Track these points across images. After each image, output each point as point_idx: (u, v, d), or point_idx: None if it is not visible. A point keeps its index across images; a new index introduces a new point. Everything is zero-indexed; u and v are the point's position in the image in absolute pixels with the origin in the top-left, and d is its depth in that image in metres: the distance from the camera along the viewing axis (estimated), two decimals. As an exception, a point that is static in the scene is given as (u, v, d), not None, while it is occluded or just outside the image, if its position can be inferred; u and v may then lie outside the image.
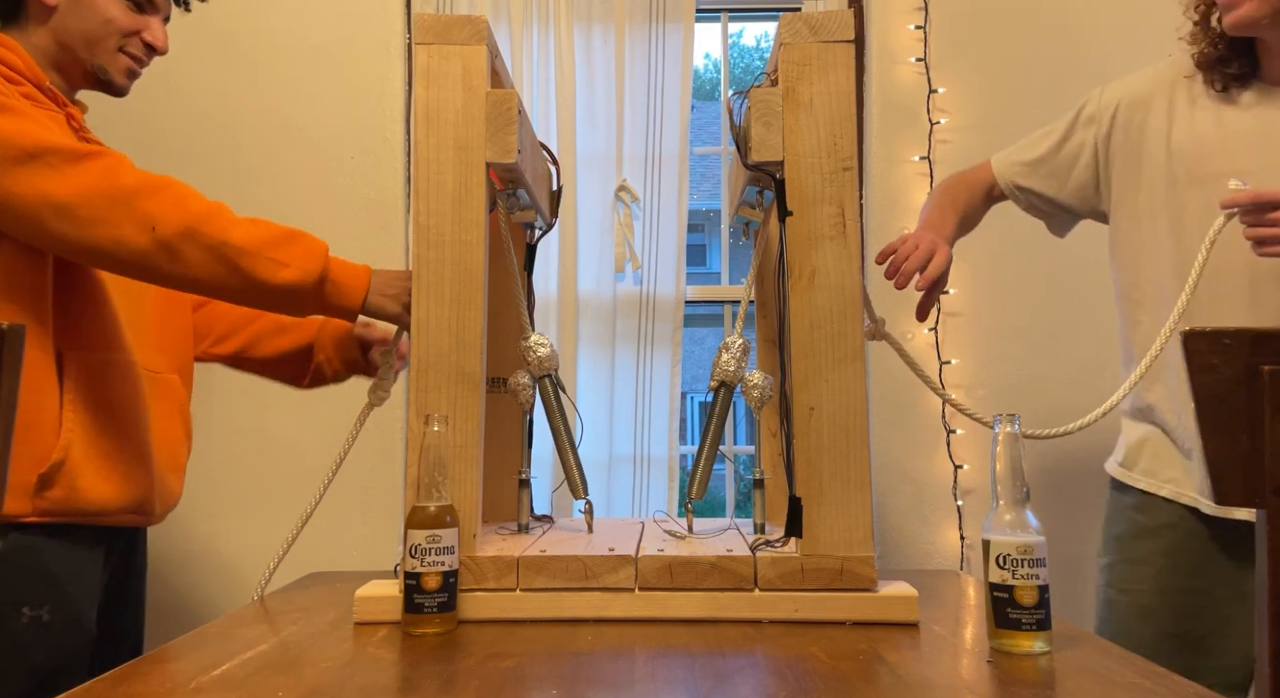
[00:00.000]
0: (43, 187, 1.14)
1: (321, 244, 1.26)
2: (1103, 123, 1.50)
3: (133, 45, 1.37)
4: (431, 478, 1.06)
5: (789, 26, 1.15)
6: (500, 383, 1.39)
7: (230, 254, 1.18)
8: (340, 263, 1.27)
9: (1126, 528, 1.47)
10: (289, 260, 1.21)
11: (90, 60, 1.34)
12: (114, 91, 1.39)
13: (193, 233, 1.16)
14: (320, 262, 1.23)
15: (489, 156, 1.16)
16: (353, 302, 1.25)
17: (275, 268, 1.20)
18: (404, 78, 2.24)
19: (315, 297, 1.23)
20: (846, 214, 1.13)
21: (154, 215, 1.15)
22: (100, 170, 1.17)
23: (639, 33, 2.22)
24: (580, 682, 0.87)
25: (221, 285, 1.20)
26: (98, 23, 1.33)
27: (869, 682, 0.87)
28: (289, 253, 1.22)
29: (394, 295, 1.27)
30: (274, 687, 0.86)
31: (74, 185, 1.15)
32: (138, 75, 1.41)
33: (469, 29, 1.16)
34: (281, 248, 1.21)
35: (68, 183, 1.15)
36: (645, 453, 2.19)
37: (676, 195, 2.22)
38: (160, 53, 1.41)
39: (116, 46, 1.35)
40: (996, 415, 1.00)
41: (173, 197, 1.18)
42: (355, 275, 1.26)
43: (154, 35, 1.39)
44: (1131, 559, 1.45)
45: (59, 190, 1.15)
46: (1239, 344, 0.78)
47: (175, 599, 2.13)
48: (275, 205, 2.21)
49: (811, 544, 1.09)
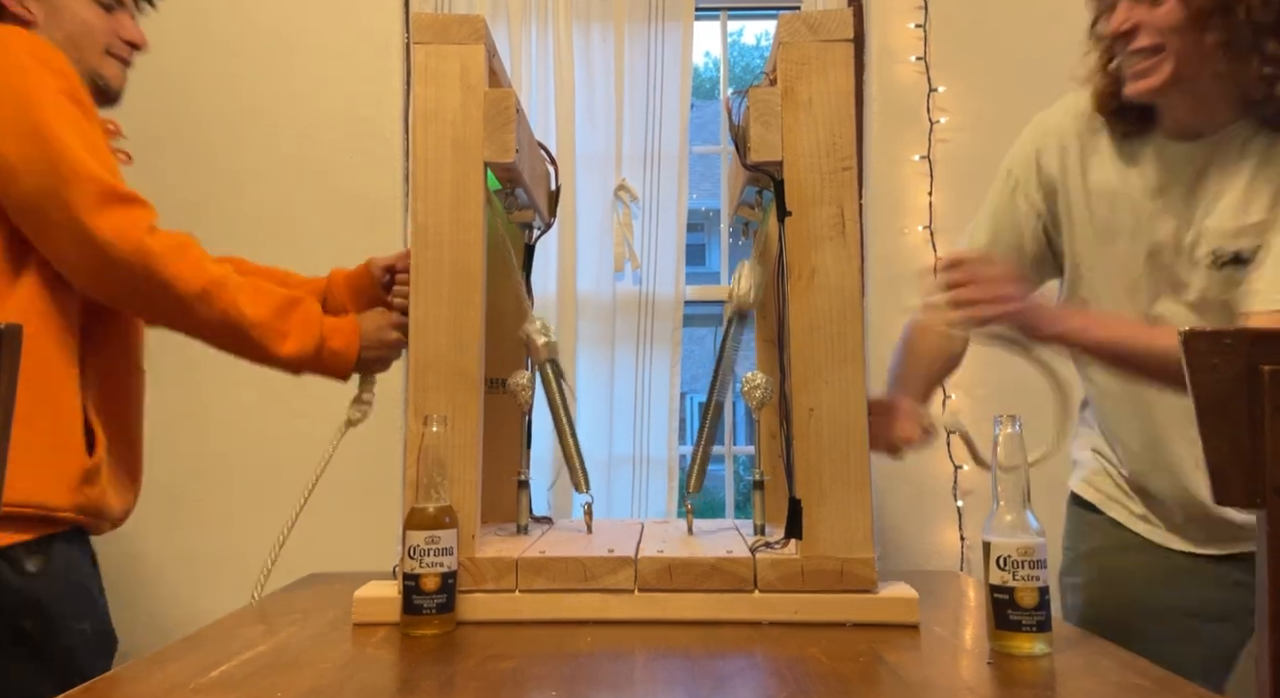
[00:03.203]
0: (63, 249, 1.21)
1: (316, 309, 1.34)
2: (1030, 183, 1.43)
3: (115, 47, 1.40)
4: (430, 479, 1.06)
5: (788, 26, 1.15)
6: (499, 383, 1.39)
7: (239, 322, 1.26)
8: (333, 327, 1.33)
9: (1101, 542, 1.42)
10: (289, 330, 1.29)
11: (84, 69, 1.34)
12: (110, 98, 1.41)
13: (207, 297, 1.23)
14: (316, 332, 1.31)
15: (487, 156, 1.15)
16: (346, 365, 1.34)
17: (278, 340, 1.28)
18: (402, 77, 2.24)
19: (313, 365, 1.32)
20: (846, 214, 1.13)
21: (174, 276, 1.21)
22: (131, 221, 1.22)
23: (638, 31, 2.22)
24: (579, 683, 0.87)
25: (224, 346, 1.29)
26: (78, 27, 1.35)
27: (869, 683, 0.87)
28: (289, 323, 1.29)
29: (379, 344, 1.35)
30: (273, 688, 0.86)
31: (103, 227, 1.19)
32: (124, 78, 1.43)
33: (467, 28, 1.16)
34: (283, 318, 1.29)
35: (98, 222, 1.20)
36: (644, 453, 2.19)
37: (676, 195, 2.22)
38: (142, 48, 1.45)
39: (103, 49, 1.38)
40: (996, 416, 1.00)
41: (191, 258, 1.23)
42: (348, 340, 1.34)
43: (131, 33, 1.42)
44: (1109, 576, 1.40)
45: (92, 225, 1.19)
46: (1239, 344, 0.78)
47: (174, 600, 2.13)
48: (275, 205, 2.21)
49: (811, 545, 1.09)
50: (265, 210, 2.21)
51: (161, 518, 2.15)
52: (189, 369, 2.17)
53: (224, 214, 2.20)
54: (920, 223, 2.21)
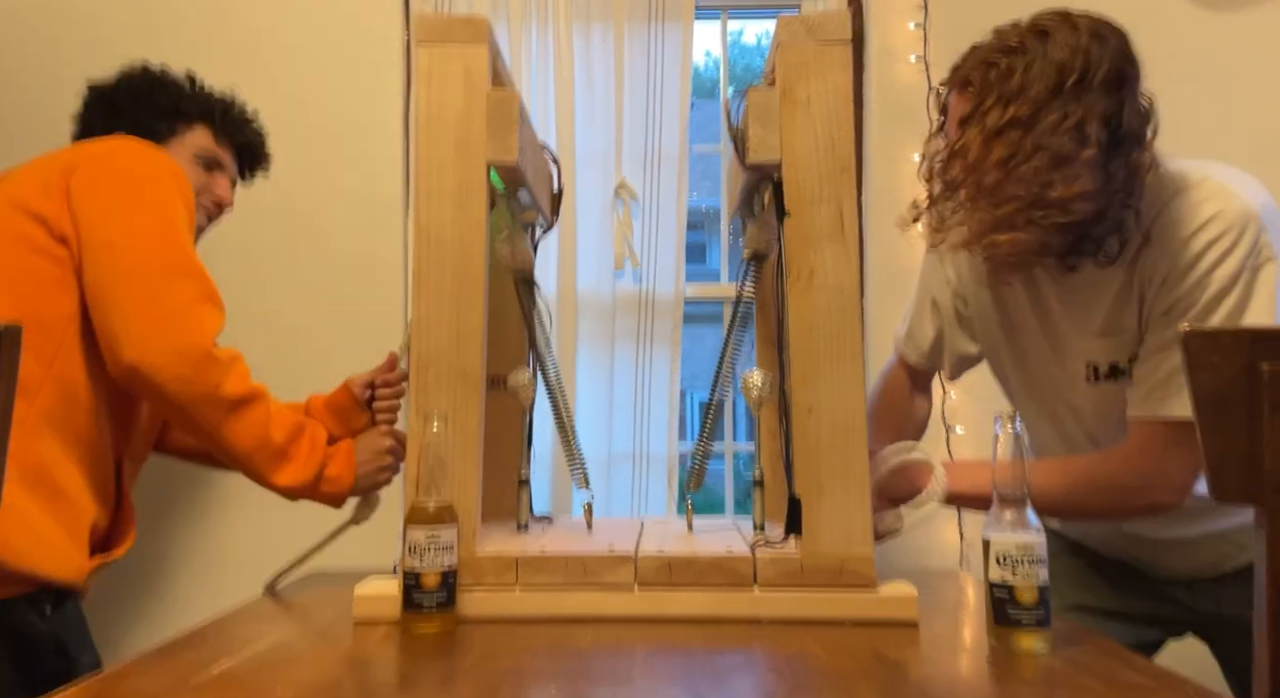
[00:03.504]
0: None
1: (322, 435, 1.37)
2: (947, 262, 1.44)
3: (202, 199, 1.49)
4: (431, 476, 1.06)
5: (786, 27, 1.15)
6: (500, 382, 1.39)
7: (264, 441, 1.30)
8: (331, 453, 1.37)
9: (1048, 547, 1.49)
10: (295, 455, 1.33)
11: None
12: None
13: (246, 407, 1.28)
14: (318, 462, 1.35)
15: (490, 157, 1.16)
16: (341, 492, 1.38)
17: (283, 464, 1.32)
18: (403, 77, 2.24)
19: (310, 492, 1.36)
20: (845, 214, 1.13)
21: (222, 377, 1.26)
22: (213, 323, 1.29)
23: (638, 31, 2.22)
24: (579, 680, 0.88)
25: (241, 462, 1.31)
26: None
27: (868, 680, 0.87)
28: (296, 448, 1.33)
29: (376, 469, 1.40)
30: (273, 685, 0.86)
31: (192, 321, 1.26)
32: (204, 231, 1.53)
33: (470, 29, 1.17)
34: (294, 443, 1.33)
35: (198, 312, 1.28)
36: (644, 451, 2.19)
37: (676, 193, 2.22)
38: (227, 207, 1.56)
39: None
40: (996, 415, 1.00)
41: (239, 371, 1.29)
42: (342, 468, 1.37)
43: (222, 191, 1.53)
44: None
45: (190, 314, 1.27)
46: (1238, 343, 0.78)
47: (174, 598, 2.13)
48: (276, 205, 2.21)
49: (811, 543, 1.10)
50: (266, 210, 2.21)
51: (162, 516, 2.15)
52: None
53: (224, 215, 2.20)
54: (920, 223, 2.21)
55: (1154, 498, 1.20)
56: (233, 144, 1.57)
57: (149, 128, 1.46)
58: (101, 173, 1.31)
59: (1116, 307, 1.22)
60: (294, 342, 2.16)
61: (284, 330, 2.16)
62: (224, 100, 1.56)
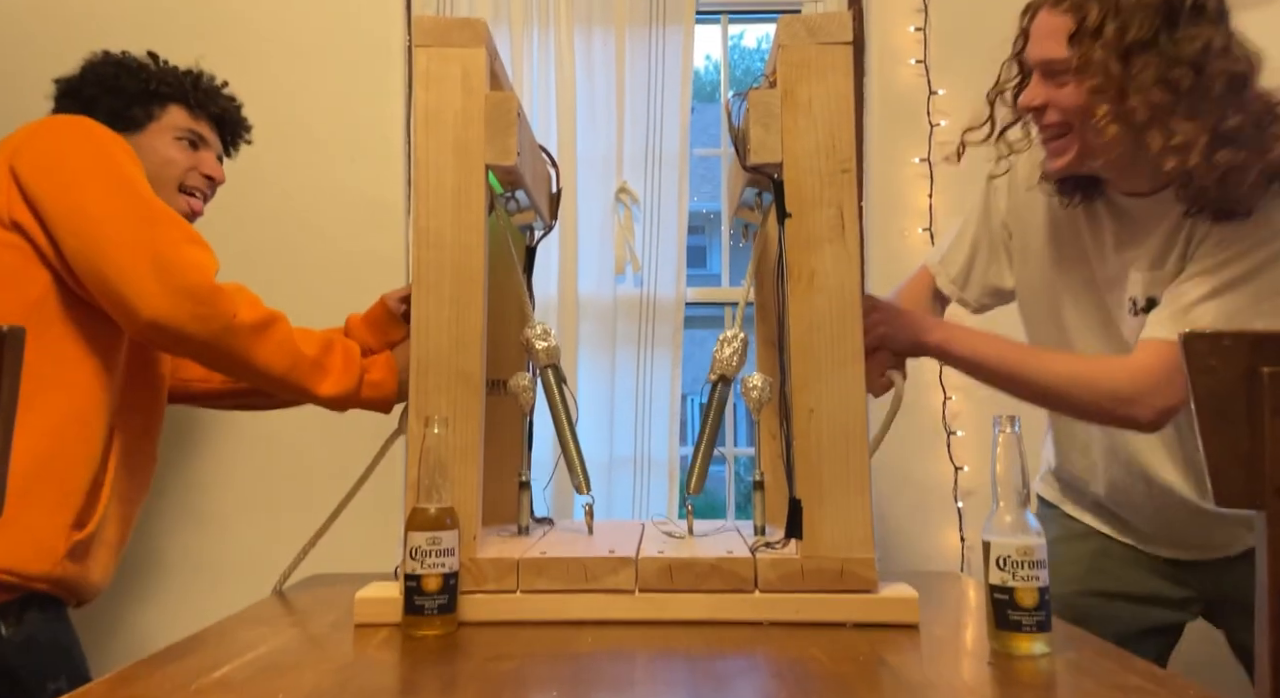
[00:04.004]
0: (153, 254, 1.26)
1: (355, 346, 1.41)
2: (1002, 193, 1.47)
3: (191, 178, 1.50)
4: (432, 480, 1.06)
5: (787, 29, 1.15)
6: (500, 385, 1.39)
7: (296, 357, 1.32)
8: (370, 361, 1.40)
9: (1057, 533, 1.48)
10: (331, 367, 1.35)
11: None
12: None
13: (266, 329, 1.30)
14: (358, 367, 1.38)
15: (488, 159, 1.16)
16: (388, 396, 1.41)
17: (323, 376, 1.35)
18: (404, 79, 2.24)
19: (355, 400, 1.38)
20: (845, 216, 1.13)
21: (236, 306, 1.28)
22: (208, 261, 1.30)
23: (639, 34, 2.22)
24: (580, 684, 0.87)
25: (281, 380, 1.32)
26: (159, 163, 1.46)
27: (869, 684, 0.87)
28: (331, 359, 1.36)
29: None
30: (274, 689, 0.86)
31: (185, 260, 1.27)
32: (199, 213, 1.53)
33: (468, 32, 1.17)
34: (327, 355, 1.35)
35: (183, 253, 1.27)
36: (645, 455, 2.19)
37: (677, 197, 2.22)
38: (219, 183, 1.56)
39: (176, 185, 1.48)
40: (996, 418, 1.00)
41: (249, 297, 1.31)
42: (385, 373, 1.41)
43: (211, 167, 1.53)
44: (1059, 562, 1.45)
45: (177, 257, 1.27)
46: (1239, 346, 0.78)
47: (175, 601, 2.13)
48: (276, 206, 2.21)
49: (812, 546, 1.09)
50: (267, 212, 2.21)
51: (163, 520, 2.15)
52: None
53: (225, 217, 2.20)
54: (920, 225, 2.21)
55: (1136, 413, 1.21)
56: (209, 117, 1.55)
57: (125, 117, 1.45)
58: (46, 149, 1.30)
59: (1165, 242, 1.24)
60: (295, 345, 2.16)
61: (285, 334, 2.16)
62: (192, 74, 1.54)
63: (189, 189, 1.50)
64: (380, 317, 1.52)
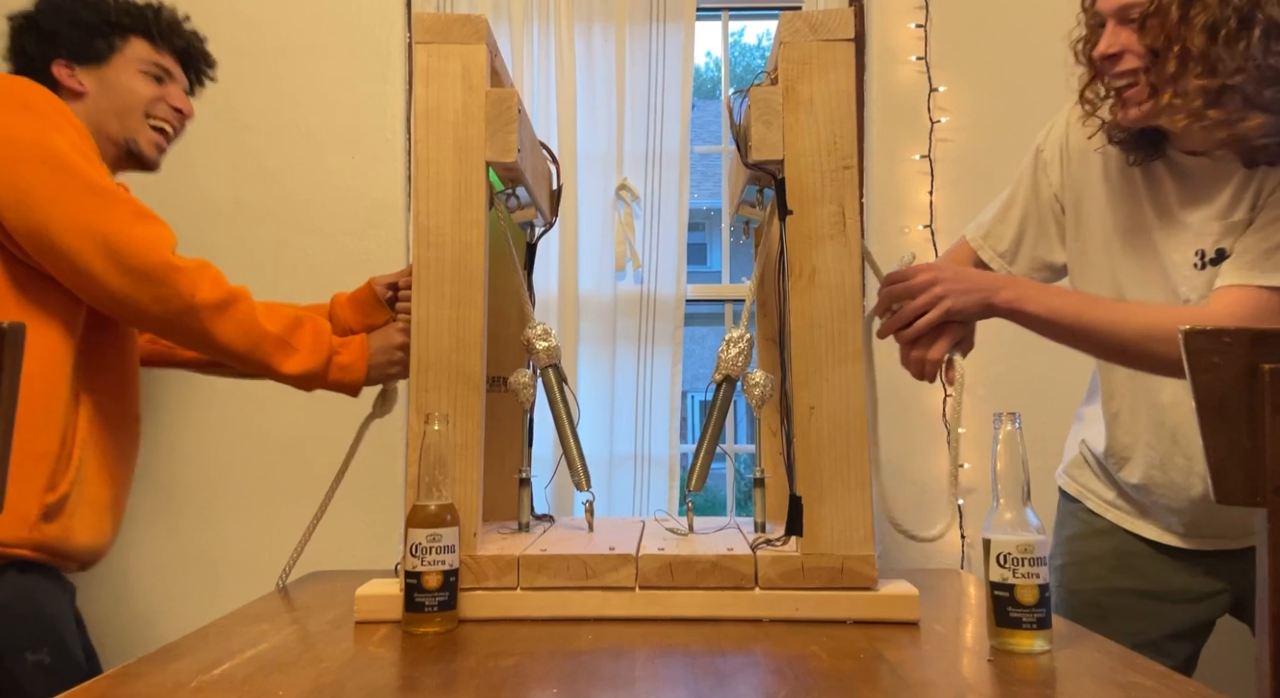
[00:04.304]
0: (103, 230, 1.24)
1: (326, 326, 1.38)
2: (1054, 164, 1.44)
3: (158, 109, 1.47)
4: (432, 477, 1.06)
5: (789, 25, 1.15)
6: (500, 382, 1.39)
7: (257, 334, 1.30)
8: (341, 343, 1.38)
9: (1078, 529, 1.47)
10: (299, 345, 1.33)
11: (122, 135, 1.43)
12: (145, 165, 1.48)
13: (225, 309, 1.28)
14: (326, 348, 1.35)
15: (489, 156, 1.16)
16: (355, 379, 1.38)
17: (289, 354, 1.33)
18: (404, 77, 2.24)
19: (321, 381, 1.36)
20: (847, 213, 1.13)
21: (195, 285, 1.26)
22: (160, 236, 1.27)
23: (639, 31, 2.22)
24: (581, 681, 0.87)
25: (244, 358, 1.31)
26: (125, 94, 1.44)
27: (870, 681, 0.87)
28: (299, 338, 1.34)
29: (384, 365, 1.39)
30: (275, 686, 0.86)
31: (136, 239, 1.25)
32: (165, 149, 1.51)
33: (469, 28, 1.16)
34: (294, 334, 1.34)
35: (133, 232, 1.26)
36: (646, 452, 2.19)
37: (677, 194, 2.22)
38: (188, 116, 1.53)
39: (143, 117, 1.45)
40: (996, 414, 1.00)
41: (212, 275, 1.29)
42: (356, 355, 1.38)
43: (178, 99, 1.51)
44: (1082, 559, 1.45)
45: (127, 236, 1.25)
46: (1239, 343, 0.78)
47: (175, 599, 2.13)
48: (277, 206, 2.21)
49: (812, 543, 1.09)
50: (267, 211, 2.21)
51: (163, 517, 2.15)
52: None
53: (225, 215, 2.20)
54: (921, 222, 2.21)
55: None
56: (173, 50, 1.53)
57: (87, 49, 1.43)
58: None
59: (1234, 194, 1.23)
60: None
61: (285, 331, 2.16)
62: (153, 7, 1.52)
63: (157, 123, 1.47)
64: (366, 298, 1.51)
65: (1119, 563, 1.42)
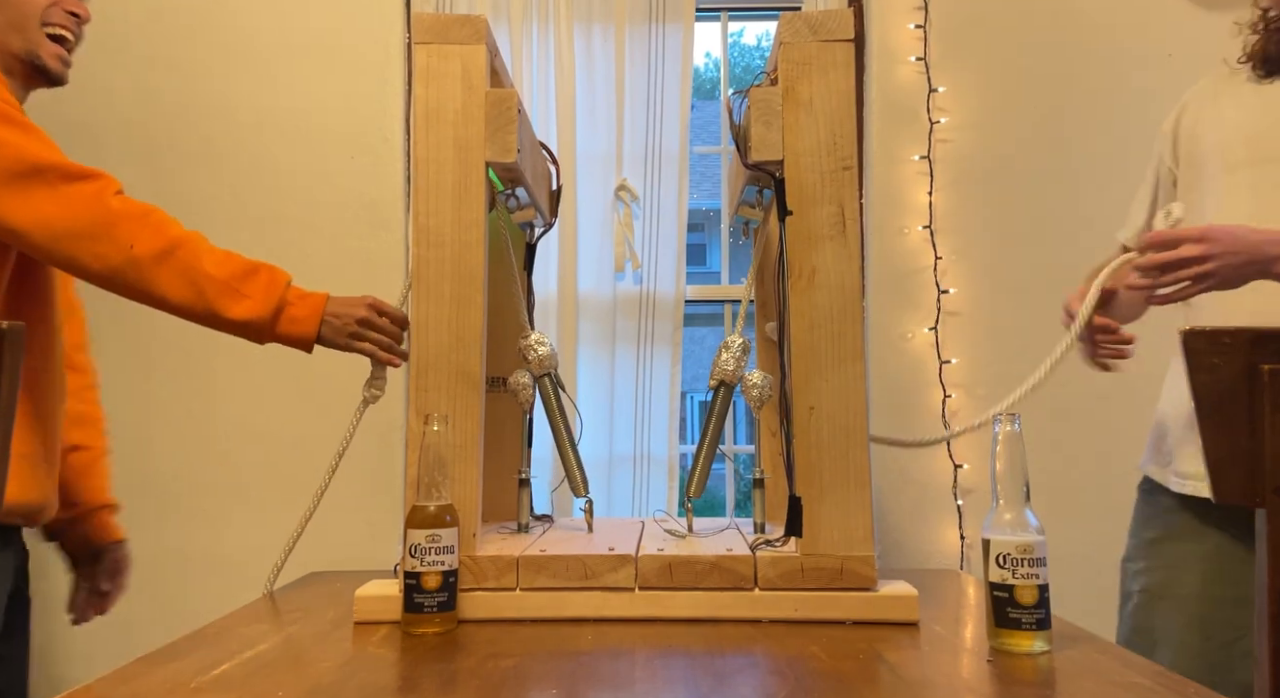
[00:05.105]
0: (38, 204, 1.20)
1: (284, 277, 1.31)
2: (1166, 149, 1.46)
3: (54, 15, 1.39)
4: (431, 477, 1.06)
5: (789, 25, 1.15)
6: (500, 382, 1.39)
7: (200, 280, 1.24)
8: (299, 294, 1.30)
9: (1161, 532, 1.38)
10: (250, 293, 1.27)
11: (24, 49, 1.36)
12: (52, 79, 1.40)
13: (166, 257, 1.23)
14: (277, 297, 1.28)
15: (488, 156, 1.16)
16: (305, 333, 1.30)
17: (236, 300, 1.26)
18: (404, 77, 2.24)
19: (270, 330, 1.28)
20: (846, 213, 1.13)
21: (134, 236, 1.22)
22: (92, 193, 1.23)
23: (639, 32, 2.22)
24: (580, 681, 0.87)
25: (189, 309, 1.26)
26: (20, 5, 1.36)
27: (869, 681, 0.87)
28: (251, 286, 1.27)
29: (340, 328, 1.31)
30: (274, 686, 0.86)
31: (65, 204, 1.21)
32: (68, 61, 1.43)
33: (468, 28, 1.16)
34: (246, 281, 1.27)
35: (60, 201, 1.22)
36: (645, 452, 2.19)
37: (676, 194, 2.22)
38: (84, 20, 1.45)
39: (40, 26, 1.38)
40: (996, 415, 1.00)
41: (155, 222, 1.24)
42: (311, 309, 1.30)
43: (72, 3, 1.42)
44: (1171, 564, 1.36)
45: (50, 208, 1.21)
46: (1239, 343, 0.78)
47: (174, 598, 2.13)
48: (277, 206, 2.21)
49: (811, 544, 1.09)
50: (267, 211, 2.21)
51: (161, 516, 2.15)
52: (189, 366, 2.17)
53: (225, 215, 2.20)
54: (920, 222, 2.21)
55: None
56: None
57: None
58: None
59: None
60: (294, 342, 2.16)
61: (284, 331, 2.16)
62: None
63: (54, 31, 1.40)
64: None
65: (1216, 570, 1.30)
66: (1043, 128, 2.22)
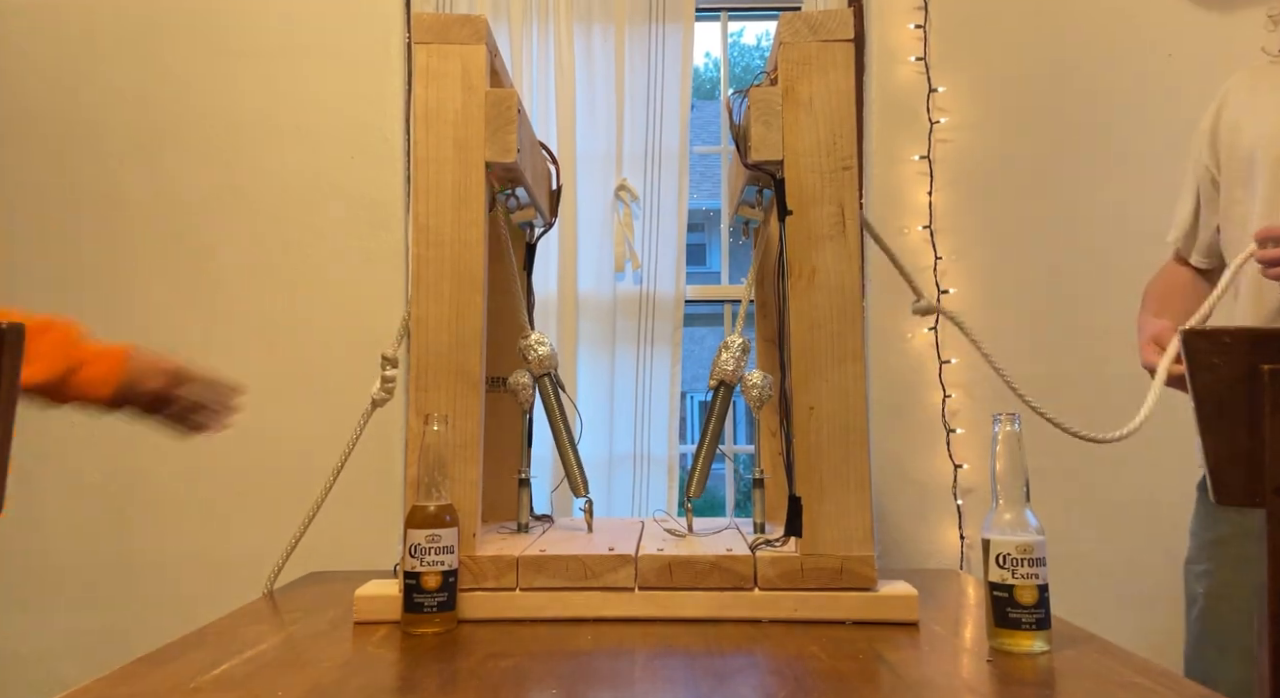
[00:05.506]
0: None
1: (76, 335, 1.21)
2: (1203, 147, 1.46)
3: None
4: (431, 477, 1.06)
5: (789, 25, 1.15)
6: (500, 382, 1.39)
7: None
8: (96, 352, 1.21)
9: (1227, 530, 1.35)
10: (34, 355, 1.14)
11: None
12: None
13: None
14: (64, 360, 1.18)
15: (488, 156, 1.16)
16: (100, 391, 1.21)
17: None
18: (403, 77, 2.24)
19: (58, 393, 1.19)
20: (846, 213, 1.13)
21: None
22: None
23: (639, 32, 2.22)
24: (580, 681, 0.87)
25: None
26: None
27: (869, 681, 0.87)
28: (37, 347, 1.15)
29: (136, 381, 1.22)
30: (274, 686, 0.86)
31: None
32: None
33: (468, 28, 1.16)
34: (31, 342, 1.10)
35: None
36: (645, 452, 2.19)
37: (676, 194, 2.22)
38: None
39: None
40: (996, 415, 1.00)
41: None
42: (111, 367, 1.21)
43: None
44: (1234, 565, 1.34)
45: None
46: (1239, 344, 0.78)
47: (174, 598, 2.13)
48: (276, 205, 2.21)
49: (811, 544, 1.09)
50: (267, 211, 2.21)
51: (161, 516, 2.15)
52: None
53: (225, 215, 2.20)
54: (920, 222, 2.21)
55: None
56: None
57: None
58: None
59: None
60: (294, 341, 2.16)
61: (284, 330, 2.16)
62: None
63: None
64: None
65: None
66: (1043, 128, 2.22)
